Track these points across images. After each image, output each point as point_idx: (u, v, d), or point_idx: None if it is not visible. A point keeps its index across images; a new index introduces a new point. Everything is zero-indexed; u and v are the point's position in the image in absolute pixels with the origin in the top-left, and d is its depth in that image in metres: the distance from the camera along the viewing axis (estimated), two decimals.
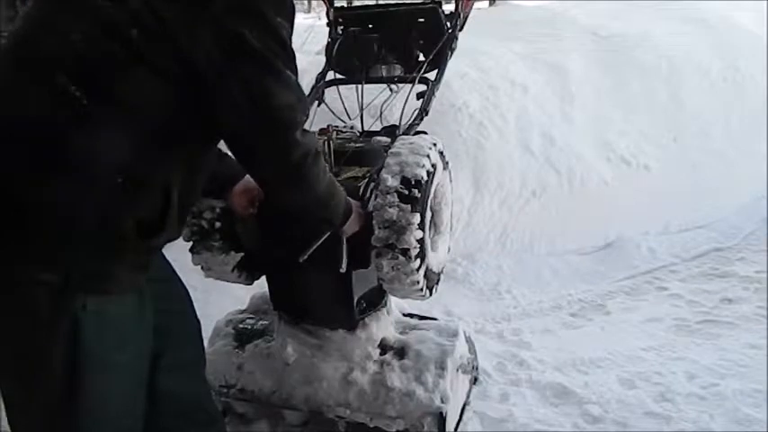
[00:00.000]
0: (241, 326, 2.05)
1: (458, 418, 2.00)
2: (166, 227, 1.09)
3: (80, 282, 1.02)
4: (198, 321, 1.41)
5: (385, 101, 1.96)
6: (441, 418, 1.75)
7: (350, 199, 1.45)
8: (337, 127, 1.97)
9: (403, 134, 1.79)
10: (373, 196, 1.61)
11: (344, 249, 1.51)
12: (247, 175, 1.49)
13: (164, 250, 1.23)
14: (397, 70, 2.06)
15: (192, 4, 1.02)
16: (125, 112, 1.00)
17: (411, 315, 2.18)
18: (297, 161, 1.14)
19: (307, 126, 1.91)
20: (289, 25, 1.11)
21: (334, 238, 1.49)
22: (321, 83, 2.07)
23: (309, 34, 5.20)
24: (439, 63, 1.97)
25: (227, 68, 1.03)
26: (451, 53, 2.00)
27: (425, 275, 1.62)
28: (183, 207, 1.12)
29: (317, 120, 2.01)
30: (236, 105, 1.05)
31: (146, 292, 1.15)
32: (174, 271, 1.35)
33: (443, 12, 2.04)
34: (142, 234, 1.05)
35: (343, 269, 1.53)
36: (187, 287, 1.38)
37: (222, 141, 1.18)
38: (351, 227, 1.47)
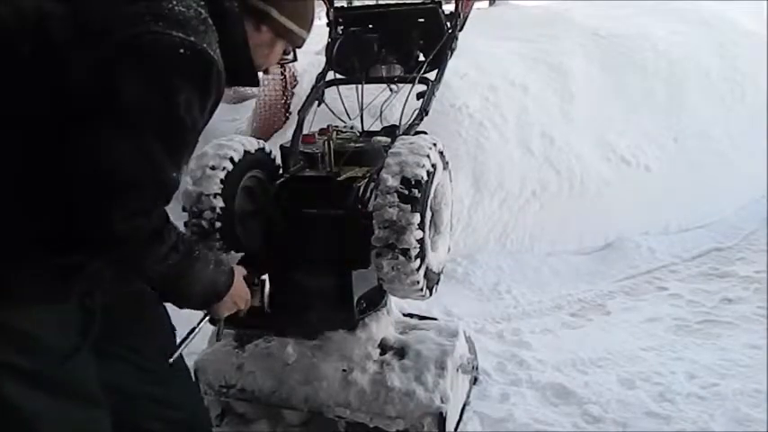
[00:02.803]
0: None
1: (458, 418, 2.00)
2: (75, 245, 1.02)
3: None
4: (165, 323, 1.36)
5: (385, 101, 1.96)
6: (441, 418, 1.75)
7: (240, 282, 1.25)
8: (337, 127, 1.98)
9: (403, 134, 1.79)
10: (373, 196, 1.61)
11: (183, 343, 1.27)
12: None
13: None
14: (397, 70, 2.06)
15: (91, 34, 0.95)
16: (11, 123, 0.97)
17: (411, 315, 2.18)
18: (116, 244, 0.98)
19: (306, 126, 1.95)
20: (200, 95, 0.98)
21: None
22: (321, 83, 2.07)
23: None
24: (439, 63, 1.97)
25: (85, 113, 0.93)
26: (451, 53, 2.01)
27: (425, 275, 1.62)
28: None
29: (317, 120, 2.02)
30: (74, 157, 0.94)
31: (82, 305, 1.11)
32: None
33: (443, 12, 2.04)
34: (50, 249, 1.01)
35: (170, 362, 1.26)
36: None
37: None
38: (222, 309, 1.24)
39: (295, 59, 1.34)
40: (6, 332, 1.02)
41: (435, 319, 2.30)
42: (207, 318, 1.28)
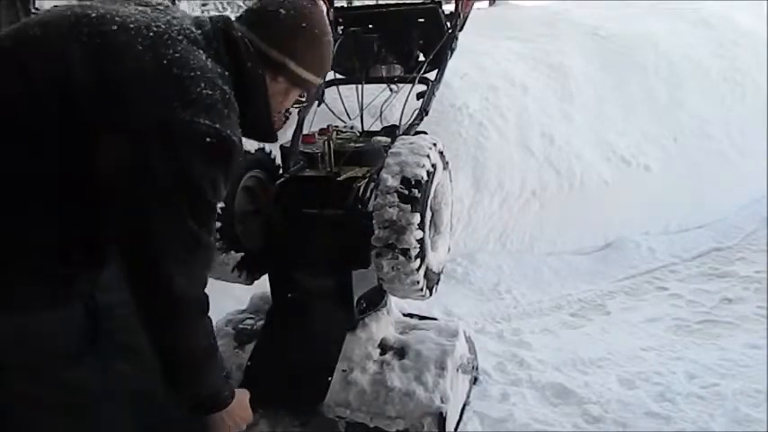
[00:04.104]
0: (241, 326, 2.04)
1: (458, 418, 2.00)
2: (68, 252, 1.06)
3: None
4: None
5: (385, 101, 1.96)
6: (441, 418, 1.75)
7: (244, 403, 1.27)
8: (337, 127, 1.98)
9: (403, 134, 1.80)
10: (373, 196, 1.61)
11: None
12: None
13: None
14: (397, 70, 2.06)
15: (119, 110, 0.97)
16: (19, 157, 0.99)
17: (411, 315, 2.18)
18: (165, 302, 1.05)
19: (306, 126, 1.95)
20: (223, 175, 1.05)
21: None
22: (321, 83, 2.07)
23: None
24: (439, 63, 1.97)
25: (115, 184, 0.99)
26: (451, 53, 2.01)
27: (425, 275, 1.62)
28: (86, 240, 1.08)
29: (317, 120, 2.02)
30: (121, 227, 1.02)
31: (87, 305, 1.13)
32: None
33: (443, 12, 2.04)
34: (55, 257, 1.04)
35: None
36: None
37: None
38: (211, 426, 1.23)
39: (307, 103, 1.35)
40: (10, 334, 1.03)
41: (435, 319, 2.30)
42: None
